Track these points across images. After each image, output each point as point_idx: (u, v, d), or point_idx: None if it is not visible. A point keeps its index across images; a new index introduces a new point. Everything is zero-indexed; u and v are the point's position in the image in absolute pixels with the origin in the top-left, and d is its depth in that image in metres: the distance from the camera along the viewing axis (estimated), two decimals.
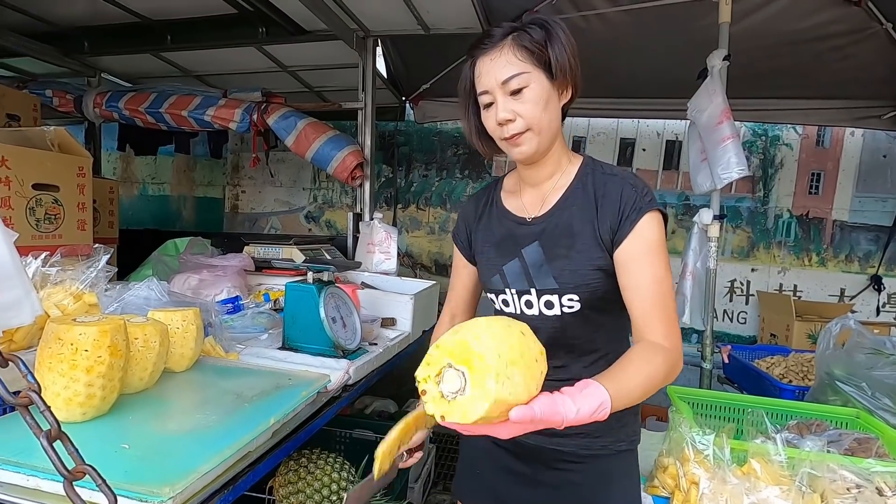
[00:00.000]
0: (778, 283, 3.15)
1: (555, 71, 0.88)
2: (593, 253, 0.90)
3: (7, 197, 1.39)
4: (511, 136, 0.90)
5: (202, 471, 0.76)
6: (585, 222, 0.92)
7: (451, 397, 0.61)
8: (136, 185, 4.03)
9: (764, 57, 2.51)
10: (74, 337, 0.84)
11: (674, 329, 0.86)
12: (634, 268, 0.87)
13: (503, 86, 0.88)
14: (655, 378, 0.79)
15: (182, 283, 1.92)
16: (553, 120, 0.91)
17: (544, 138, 0.91)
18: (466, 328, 0.64)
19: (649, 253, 0.87)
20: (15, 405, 0.65)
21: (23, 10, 2.45)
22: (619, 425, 0.98)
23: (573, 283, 0.91)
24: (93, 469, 0.66)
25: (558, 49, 0.88)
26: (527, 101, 0.88)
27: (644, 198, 0.90)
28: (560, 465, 0.99)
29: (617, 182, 0.92)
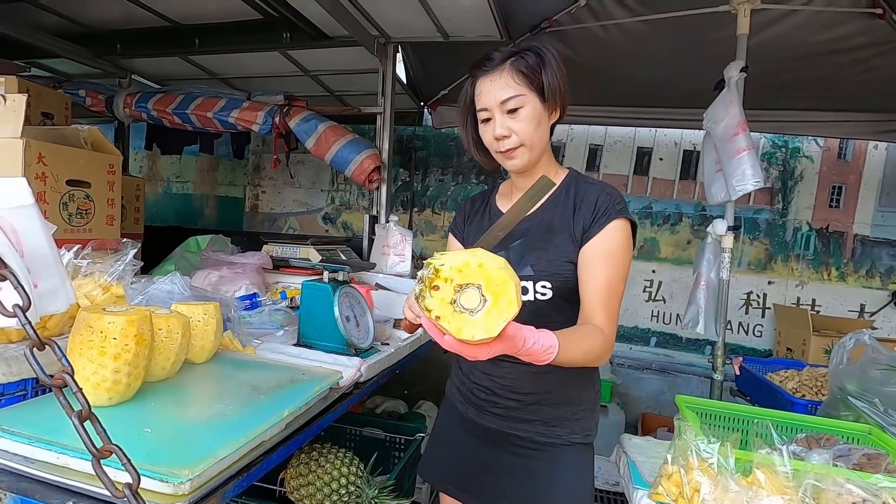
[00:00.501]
0: (795, 296, 3.10)
1: (547, 94, 1.00)
2: (567, 248, 1.03)
3: (43, 192, 1.46)
4: (506, 150, 1.03)
5: (219, 456, 0.80)
6: (564, 222, 1.05)
7: (459, 309, 0.67)
8: (161, 184, 4.15)
9: (784, 68, 2.50)
10: (104, 325, 0.89)
11: (613, 324, 1.00)
12: (593, 265, 1.00)
13: (501, 105, 1.00)
14: (592, 353, 0.93)
15: (203, 278, 1.99)
16: (543, 137, 1.04)
17: (535, 153, 1.04)
18: (504, 267, 0.70)
19: (609, 255, 1.00)
20: (50, 386, 0.70)
21: (59, 12, 2.56)
22: (575, 418, 1.10)
23: (547, 272, 1.04)
24: (119, 448, 0.70)
25: (551, 75, 1.00)
26: (522, 119, 1.00)
27: (616, 206, 1.02)
28: (518, 452, 1.11)
29: (595, 189, 1.06)
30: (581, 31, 2.41)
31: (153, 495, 0.73)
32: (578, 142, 3.43)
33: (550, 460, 1.09)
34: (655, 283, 3.32)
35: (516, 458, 1.11)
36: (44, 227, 0.81)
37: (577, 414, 1.10)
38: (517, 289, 0.70)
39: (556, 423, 1.09)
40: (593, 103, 3.13)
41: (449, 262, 0.69)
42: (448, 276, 0.68)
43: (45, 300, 0.80)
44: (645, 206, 3.33)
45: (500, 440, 1.12)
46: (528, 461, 1.10)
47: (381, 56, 2.54)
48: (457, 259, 0.69)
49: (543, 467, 1.10)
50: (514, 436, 1.11)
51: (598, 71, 2.74)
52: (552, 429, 1.09)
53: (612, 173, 3.38)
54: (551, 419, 1.09)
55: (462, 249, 1.18)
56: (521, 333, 0.77)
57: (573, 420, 1.10)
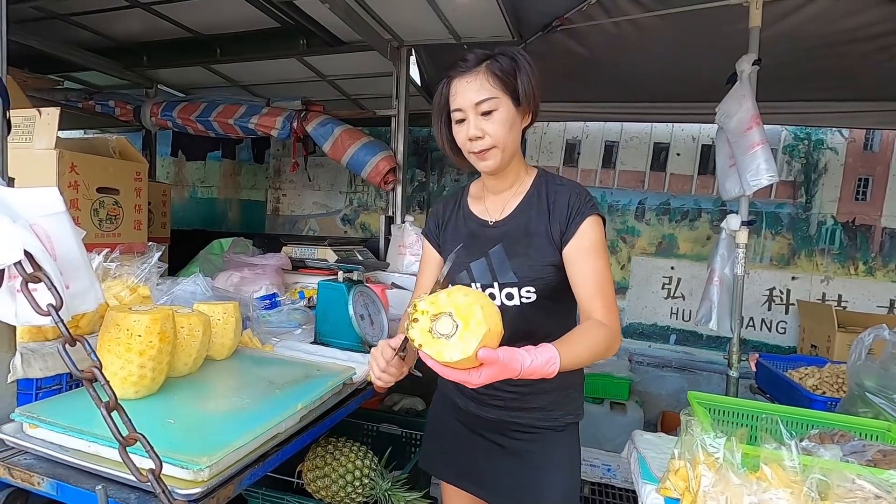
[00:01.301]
0: (820, 292, 3.02)
1: (521, 98, 1.02)
2: (547, 251, 1.06)
3: (75, 199, 1.55)
4: (479, 151, 1.05)
5: (235, 446, 0.85)
6: (540, 224, 1.07)
7: (437, 336, 0.77)
8: (187, 189, 4.29)
9: (805, 58, 2.44)
10: (130, 323, 0.95)
11: (613, 312, 1.01)
12: (580, 261, 1.03)
13: (476, 107, 1.02)
14: (598, 347, 0.94)
15: (225, 279, 2.07)
16: (515, 140, 1.07)
17: (507, 154, 1.06)
18: (471, 295, 0.79)
19: (591, 250, 1.03)
20: (81, 379, 0.76)
21: (90, 28, 2.69)
22: (567, 400, 1.15)
23: (531, 277, 1.07)
24: (143, 437, 0.76)
25: (525, 80, 1.02)
26: (495, 122, 1.02)
27: (586, 204, 1.06)
28: (518, 436, 1.15)
29: (565, 191, 1.08)
30: (593, 28, 2.40)
31: (174, 481, 0.79)
32: (594, 139, 3.41)
33: (547, 440, 1.15)
34: (674, 280, 3.27)
35: (515, 441, 1.16)
36: (74, 232, 0.87)
37: (569, 396, 1.16)
38: (486, 310, 0.77)
39: (551, 407, 1.14)
40: (608, 100, 3.11)
41: (426, 298, 0.80)
42: (424, 309, 0.78)
43: (76, 300, 0.86)
44: (663, 202, 3.29)
45: (500, 427, 1.17)
46: (527, 444, 1.15)
47: (395, 59, 2.58)
48: (431, 296, 0.80)
49: (540, 447, 1.15)
50: (514, 423, 1.15)
51: (612, 68, 2.73)
52: (549, 413, 1.14)
53: (629, 170, 3.35)
54: (547, 405, 1.14)
55: (435, 255, 1.24)
56: (514, 356, 0.79)
57: (565, 402, 1.15)
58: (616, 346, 1.00)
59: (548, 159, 3.48)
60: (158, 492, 0.73)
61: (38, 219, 0.82)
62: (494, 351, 0.77)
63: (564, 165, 3.46)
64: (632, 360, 3.21)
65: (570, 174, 3.46)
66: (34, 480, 0.83)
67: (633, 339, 3.34)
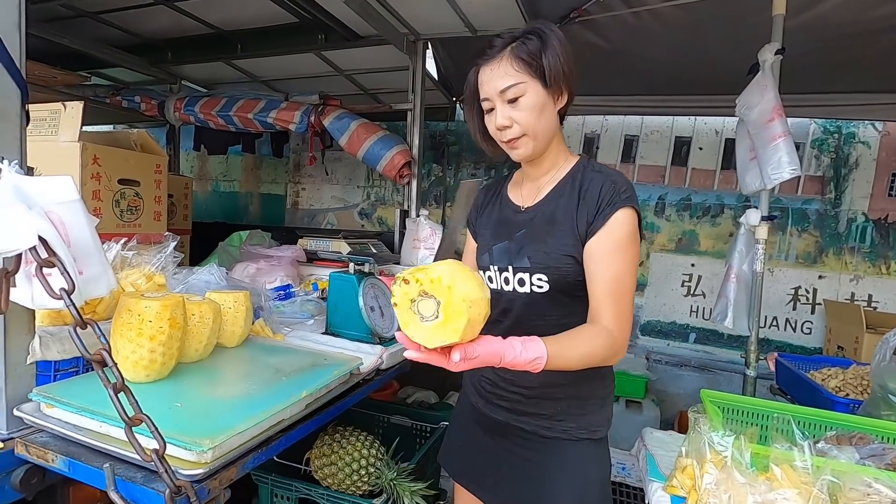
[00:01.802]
0: (849, 291, 2.91)
1: (548, 80, 0.96)
2: (568, 240, 0.99)
3: (97, 190, 1.60)
4: (509, 140, 1.01)
5: (238, 429, 0.87)
6: (567, 213, 1.01)
7: (415, 310, 0.74)
8: (210, 182, 4.39)
9: (835, 48, 2.34)
10: (141, 309, 0.98)
11: (623, 321, 0.94)
12: (600, 261, 0.95)
13: (501, 94, 0.98)
14: (593, 354, 0.89)
15: (242, 270, 2.11)
16: (548, 125, 1.01)
17: (540, 142, 1.01)
18: (457, 273, 0.74)
19: (616, 249, 0.95)
20: (90, 360, 0.79)
21: (118, 25, 2.77)
22: (580, 413, 1.06)
23: (543, 264, 1.00)
24: (148, 418, 0.78)
25: (552, 58, 0.95)
26: (523, 108, 0.97)
27: (621, 195, 0.97)
28: (525, 445, 1.09)
29: (600, 178, 1.00)
30: (612, 18, 2.35)
31: (178, 462, 0.81)
32: (613, 133, 3.35)
33: (557, 454, 1.07)
34: (695, 278, 3.20)
35: (523, 450, 1.09)
36: (88, 219, 0.90)
37: (584, 409, 1.07)
38: (471, 324, 0.73)
39: (561, 416, 1.06)
40: (628, 93, 3.05)
41: (430, 269, 0.74)
42: (420, 279, 0.73)
43: (89, 285, 0.89)
44: (683, 197, 3.21)
45: (508, 433, 1.11)
46: (535, 454, 1.08)
47: (411, 53, 2.58)
48: (436, 270, 0.73)
49: (549, 461, 1.07)
50: (520, 429, 1.09)
51: (632, 59, 2.67)
52: (557, 423, 1.06)
53: (649, 164, 3.28)
54: (556, 413, 1.06)
55: (472, 242, 1.19)
56: (496, 348, 0.77)
57: (579, 415, 1.06)
58: (616, 357, 0.95)
59: None
60: (161, 471, 0.75)
61: (52, 206, 0.85)
62: (472, 343, 0.75)
63: None
64: (649, 359, 3.16)
65: None
66: (49, 457, 0.87)
67: (651, 337, 3.28)
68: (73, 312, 0.80)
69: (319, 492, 1.34)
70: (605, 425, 1.10)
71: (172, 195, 2.64)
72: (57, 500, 1.03)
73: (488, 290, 0.79)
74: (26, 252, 0.81)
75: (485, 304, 0.76)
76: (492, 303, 1.11)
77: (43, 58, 2.76)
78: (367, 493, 1.34)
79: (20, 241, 0.79)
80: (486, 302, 0.76)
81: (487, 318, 0.78)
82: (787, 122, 1.66)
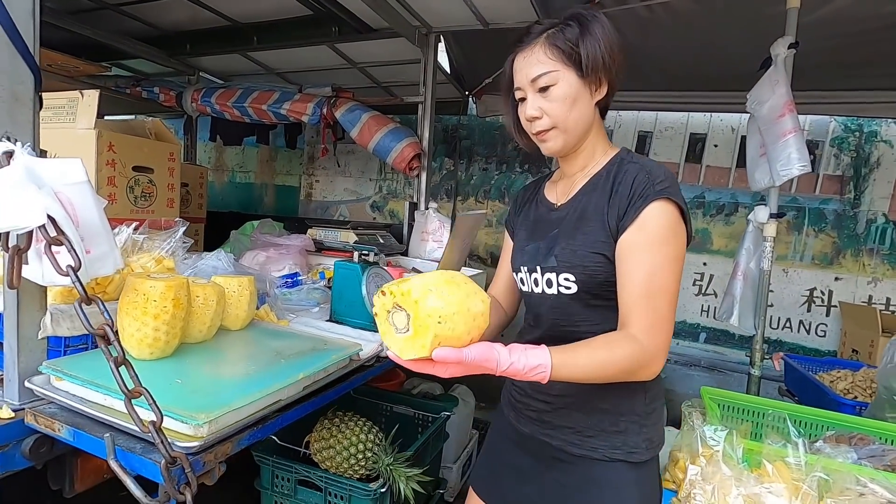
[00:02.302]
0: (867, 294, 2.84)
1: (585, 69, 0.88)
2: (597, 237, 0.90)
3: (112, 176, 1.65)
4: (538, 133, 0.95)
5: (234, 406, 0.90)
6: (598, 207, 0.92)
7: (391, 321, 0.74)
8: (227, 173, 4.48)
9: (856, 43, 2.28)
10: (146, 288, 1.02)
11: (657, 327, 0.82)
12: (630, 258, 0.85)
13: (532, 83, 0.92)
14: (612, 365, 0.79)
15: (252, 258, 2.15)
16: (582, 117, 0.92)
17: (571, 136, 0.93)
18: (431, 286, 0.72)
19: (650, 245, 0.84)
20: (94, 334, 0.83)
21: (139, 18, 2.84)
22: (615, 430, 0.93)
23: (570, 263, 0.92)
24: (147, 391, 0.82)
25: (590, 46, 0.88)
26: (554, 99, 0.90)
27: (655, 185, 0.86)
28: (551, 463, 0.98)
29: (634, 169, 0.90)
30: (625, 12, 2.33)
31: (176, 434, 0.84)
32: (627, 128, 3.32)
33: (585, 476, 0.94)
34: (706, 277, 3.16)
35: (550, 470, 0.98)
36: (96, 201, 0.94)
37: (618, 425, 0.93)
38: (442, 339, 0.70)
39: (591, 432, 0.94)
40: (642, 88, 3.01)
41: (404, 282, 0.73)
42: (393, 291, 0.73)
43: (95, 264, 0.93)
44: (697, 195, 3.17)
45: (535, 448, 1.01)
46: (562, 474, 0.97)
47: (423, 46, 2.59)
48: (408, 283, 0.72)
49: (577, 483, 0.95)
50: (547, 444, 0.98)
51: (647, 54, 2.64)
52: (587, 439, 0.94)
53: (663, 160, 3.23)
54: (585, 427, 0.94)
55: (510, 242, 1.13)
56: (487, 354, 0.72)
57: (612, 432, 0.93)
58: (646, 371, 0.82)
59: None
60: (157, 442, 0.79)
61: (62, 187, 0.89)
62: (459, 350, 0.71)
63: None
64: None
65: None
66: (55, 427, 0.91)
67: None
68: (78, 288, 0.83)
69: (318, 474, 1.37)
70: (648, 448, 0.94)
71: (188, 184, 2.70)
72: (66, 470, 1.08)
73: (484, 301, 0.75)
74: (37, 230, 0.85)
75: (470, 317, 0.72)
76: (525, 307, 1.07)
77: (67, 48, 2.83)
78: (364, 476, 1.37)
79: (30, 219, 0.82)
80: (472, 315, 0.72)
81: (484, 329, 0.75)
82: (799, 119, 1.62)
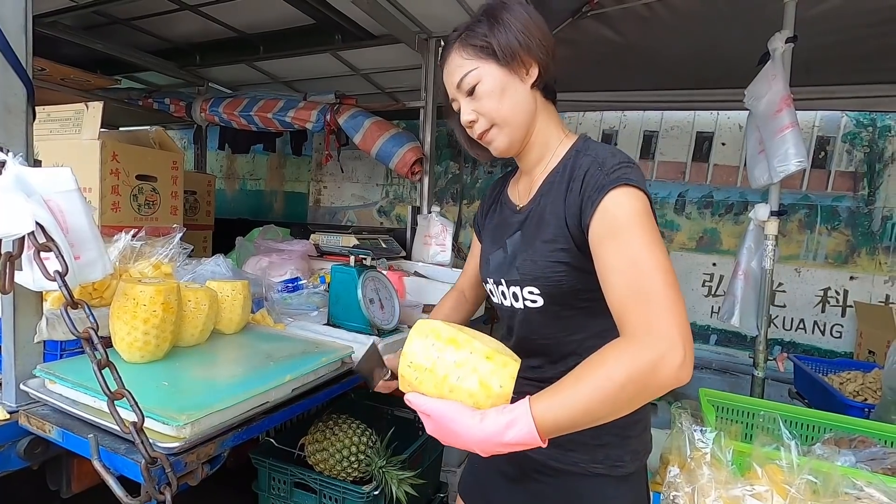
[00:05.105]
0: (883, 293, 2.75)
1: (502, 56, 0.84)
2: (557, 244, 0.83)
3: (116, 185, 1.70)
4: (480, 136, 0.91)
5: (217, 407, 0.91)
6: (556, 210, 0.85)
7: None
8: (238, 181, 4.56)
9: (871, 35, 2.21)
10: (136, 293, 1.04)
11: (659, 315, 0.66)
12: (604, 255, 0.75)
13: (459, 89, 0.88)
14: (607, 387, 0.63)
15: (255, 263, 2.19)
16: (517, 106, 0.87)
17: (513, 128, 0.88)
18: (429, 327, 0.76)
19: (618, 233, 0.73)
20: (79, 337, 0.85)
21: (149, 31, 2.92)
22: (596, 443, 0.87)
23: (532, 275, 0.86)
24: (129, 393, 0.83)
25: (500, 33, 0.84)
26: (481, 97, 0.86)
27: (609, 175, 0.77)
28: (535, 476, 0.94)
29: (587, 162, 0.82)
30: (625, 11, 2.31)
31: (158, 435, 0.86)
32: (632, 129, 3.29)
33: (568, 490, 0.90)
34: (716, 277, 3.10)
35: (535, 483, 0.94)
36: (85, 208, 0.97)
37: (600, 438, 0.86)
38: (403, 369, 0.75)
39: (571, 446, 0.87)
40: (647, 87, 2.98)
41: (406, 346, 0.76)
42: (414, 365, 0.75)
43: (85, 269, 0.96)
44: (705, 194, 3.12)
45: (518, 461, 0.92)
46: (545, 488, 0.92)
47: (423, 51, 2.61)
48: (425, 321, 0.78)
49: (559, 496, 0.91)
50: (528, 457, 0.90)
51: (649, 53, 2.61)
52: (568, 453, 0.88)
53: (669, 160, 3.20)
54: (565, 441, 0.80)
55: (478, 244, 1.09)
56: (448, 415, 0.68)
57: (593, 446, 0.87)
58: (666, 372, 0.63)
59: None
60: (137, 441, 0.80)
61: (52, 195, 0.92)
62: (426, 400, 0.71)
63: None
64: None
65: None
66: (46, 428, 0.94)
67: None
68: (64, 293, 0.86)
69: (313, 476, 1.38)
70: (633, 460, 0.89)
71: (196, 192, 2.76)
72: (62, 471, 1.11)
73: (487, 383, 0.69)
74: (27, 237, 0.88)
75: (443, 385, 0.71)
76: (499, 318, 1.04)
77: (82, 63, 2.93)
78: (357, 479, 1.37)
79: (19, 227, 0.85)
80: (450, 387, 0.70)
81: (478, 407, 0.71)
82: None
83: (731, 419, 1.32)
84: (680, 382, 0.64)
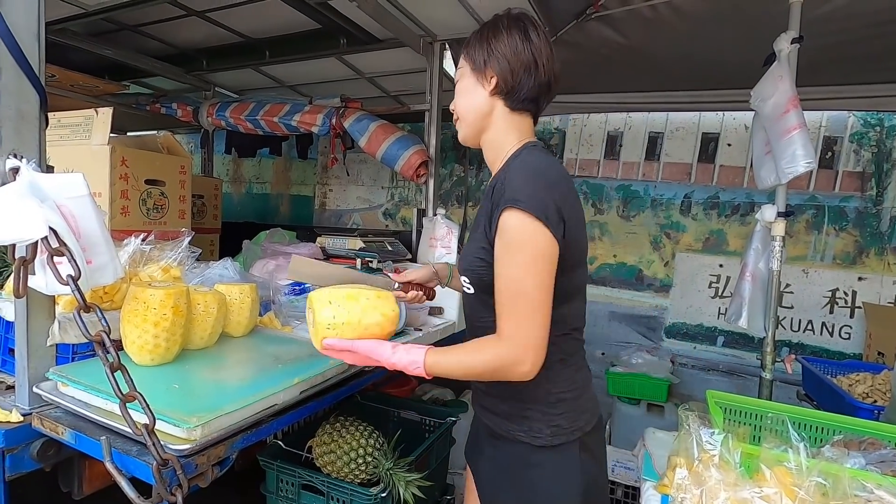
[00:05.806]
0: (893, 294, 2.72)
1: (472, 63, 1.01)
2: (480, 243, 0.97)
3: (125, 190, 1.72)
4: (454, 122, 1.09)
5: (226, 410, 0.92)
6: (484, 213, 0.98)
7: (309, 325, 1.02)
8: (244, 185, 4.59)
9: (875, 35, 2.20)
10: (146, 297, 1.06)
11: (519, 330, 0.87)
12: (496, 266, 0.92)
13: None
14: (478, 366, 0.91)
15: (262, 267, 2.20)
16: (472, 105, 1.02)
17: (467, 124, 1.04)
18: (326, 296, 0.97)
19: (505, 254, 0.90)
20: (91, 340, 0.86)
21: (156, 37, 2.95)
22: (522, 416, 1.02)
23: (464, 267, 1.04)
24: (141, 395, 0.84)
25: (478, 45, 1.00)
26: (457, 92, 1.05)
27: (505, 196, 0.89)
28: (491, 440, 1.10)
29: (504, 177, 0.95)
30: (629, 13, 2.31)
31: (169, 437, 0.87)
32: (637, 130, 3.28)
33: (505, 453, 1.05)
34: (723, 279, 3.08)
35: (487, 447, 1.11)
36: (97, 213, 0.98)
37: (525, 413, 1.02)
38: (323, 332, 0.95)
39: (507, 416, 1.04)
40: (651, 89, 2.98)
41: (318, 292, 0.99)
42: (310, 297, 1.00)
43: (96, 273, 0.97)
44: (711, 195, 3.10)
45: (482, 424, 1.13)
46: (494, 450, 1.08)
47: (427, 54, 2.62)
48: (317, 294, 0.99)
49: (500, 458, 1.06)
50: (485, 424, 1.10)
51: (654, 55, 2.61)
52: (503, 421, 1.05)
53: (675, 161, 3.19)
54: (502, 412, 1.05)
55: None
56: (375, 349, 0.94)
57: (520, 417, 1.02)
58: (516, 370, 0.87)
59: (588, 152, 3.40)
60: (149, 444, 0.81)
61: (64, 200, 0.93)
62: (348, 341, 0.93)
63: (605, 158, 3.36)
64: (674, 362, 3.06)
65: (611, 167, 3.35)
66: (59, 430, 0.95)
67: (676, 340, 3.18)
68: (77, 297, 0.87)
69: (320, 478, 1.39)
70: (556, 434, 1.00)
71: (203, 196, 2.78)
72: (74, 472, 1.12)
73: (385, 314, 0.97)
74: (41, 242, 0.89)
75: (361, 327, 0.95)
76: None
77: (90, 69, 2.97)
78: (365, 481, 1.38)
79: (33, 232, 0.87)
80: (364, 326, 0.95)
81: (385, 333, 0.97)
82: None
83: (739, 421, 1.32)
84: (525, 378, 0.89)
